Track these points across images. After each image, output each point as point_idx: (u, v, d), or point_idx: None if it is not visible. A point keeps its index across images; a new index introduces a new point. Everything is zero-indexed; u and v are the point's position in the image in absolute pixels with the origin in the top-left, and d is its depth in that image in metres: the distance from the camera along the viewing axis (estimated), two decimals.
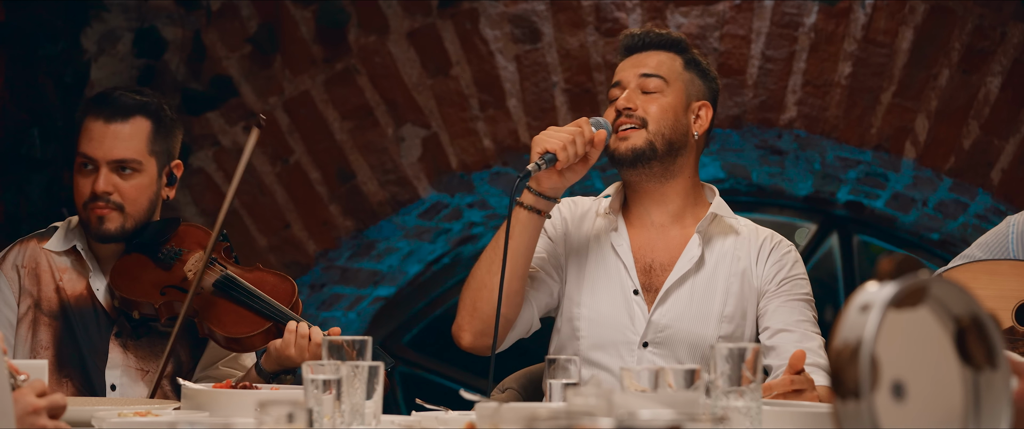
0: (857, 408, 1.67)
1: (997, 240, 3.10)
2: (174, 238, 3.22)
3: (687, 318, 3.02)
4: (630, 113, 3.05)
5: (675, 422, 1.61)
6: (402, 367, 5.18)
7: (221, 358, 3.26)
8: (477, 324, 3.00)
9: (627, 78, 3.09)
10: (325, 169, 4.57)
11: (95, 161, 3.12)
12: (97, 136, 3.12)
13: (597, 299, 3.07)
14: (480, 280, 2.99)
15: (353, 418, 2.17)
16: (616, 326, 3.04)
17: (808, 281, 3.11)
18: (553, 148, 2.92)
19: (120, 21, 4.62)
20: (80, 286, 3.18)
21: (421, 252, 4.92)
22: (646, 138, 3.04)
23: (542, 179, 2.95)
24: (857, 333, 1.69)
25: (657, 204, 3.10)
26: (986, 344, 1.80)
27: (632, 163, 3.04)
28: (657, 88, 3.07)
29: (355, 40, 4.54)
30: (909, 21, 4.32)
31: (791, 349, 2.92)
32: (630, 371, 2.14)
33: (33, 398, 2.16)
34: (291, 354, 3.00)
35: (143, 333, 3.16)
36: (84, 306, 3.16)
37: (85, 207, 3.14)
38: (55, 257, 3.19)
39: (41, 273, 3.18)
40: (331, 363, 2.19)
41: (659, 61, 3.11)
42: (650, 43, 3.13)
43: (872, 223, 4.95)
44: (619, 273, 3.07)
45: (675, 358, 3.01)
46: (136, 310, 3.12)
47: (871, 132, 4.34)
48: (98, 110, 3.14)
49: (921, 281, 1.75)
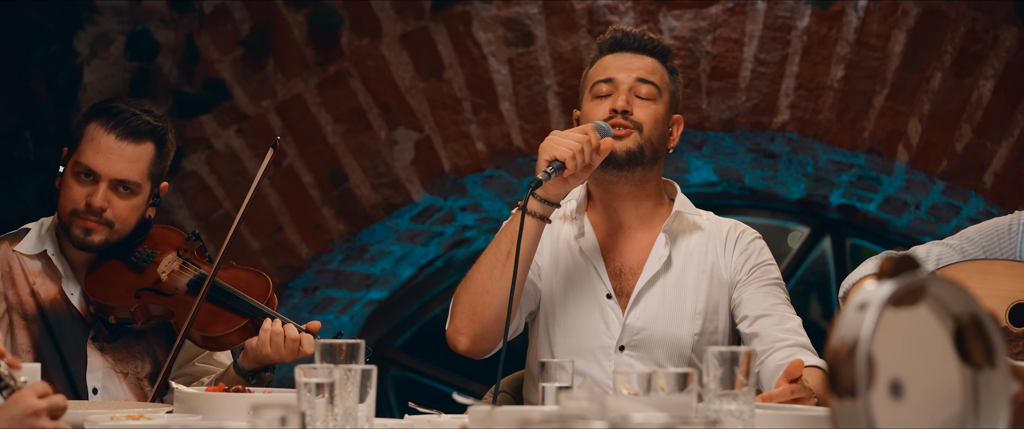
0: (853, 407, 1.67)
1: (999, 234, 3.08)
2: (147, 241, 3.21)
3: (661, 319, 3.03)
4: (627, 116, 3.05)
5: (668, 425, 1.61)
6: (395, 370, 5.18)
7: (196, 355, 3.25)
8: (476, 328, 2.99)
9: (621, 78, 3.08)
10: (318, 172, 4.57)
11: (96, 175, 3.10)
12: (104, 150, 3.09)
13: (570, 305, 3.07)
14: (481, 285, 2.98)
15: (346, 421, 2.17)
16: (591, 331, 3.05)
17: (776, 266, 3.12)
18: (563, 157, 2.91)
19: (112, 24, 4.62)
20: (53, 290, 3.16)
21: (414, 255, 4.92)
22: (638, 142, 3.04)
23: (548, 186, 2.94)
24: (854, 331, 1.69)
25: (629, 207, 3.10)
26: (985, 343, 1.80)
27: (623, 165, 3.04)
28: (650, 95, 3.07)
29: (348, 43, 4.54)
30: (902, 24, 4.32)
31: (773, 333, 2.96)
32: (622, 374, 2.14)
33: (34, 399, 2.17)
34: (267, 353, 3.00)
35: (119, 335, 3.16)
36: (59, 310, 3.14)
37: (73, 214, 3.11)
38: (27, 260, 3.17)
39: (15, 276, 3.15)
40: (324, 366, 2.19)
41: (653, 67, 3.11)
42: (643, 46, 3.12)
43: (865, 226, 4.96)
44: (590, 278, 3.08)
45: (652, 360, 3.02)
46: (112, 315, 3.11)
47: (864, 135, 4.35)
48: (110, 123, 3.10)
49: (919, 280, 1.75)
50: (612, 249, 3.10)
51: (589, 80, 3.13)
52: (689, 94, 4.40)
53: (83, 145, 3.11)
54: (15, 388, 2.18)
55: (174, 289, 3.10)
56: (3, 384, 2.19)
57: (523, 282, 3.01)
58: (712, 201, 4.90)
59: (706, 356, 2.13)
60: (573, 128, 2.98)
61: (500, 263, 2.95)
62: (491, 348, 3.04)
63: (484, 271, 2.98)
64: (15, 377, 2.20)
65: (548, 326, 3.08)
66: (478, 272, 2.99)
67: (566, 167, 2.91)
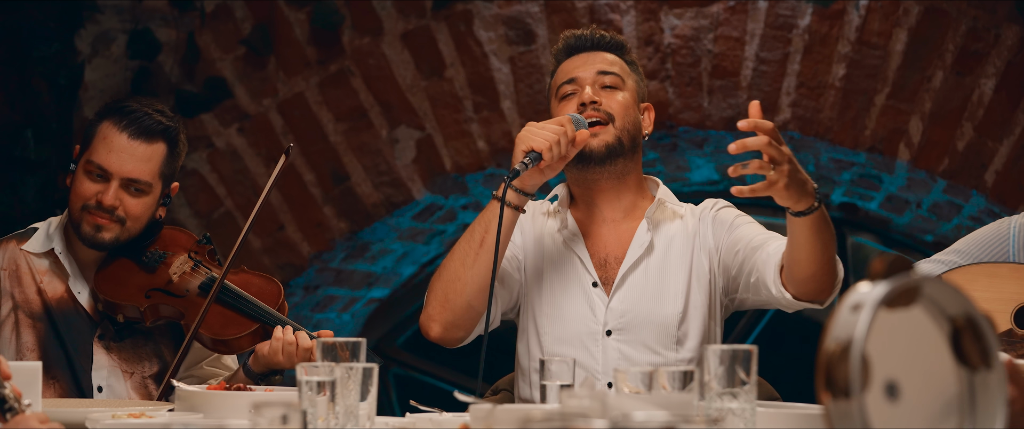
0: (847, 407, 1.67)
1: (994, 240, 3.09)
2: (158, 241, 3.22)
3: (645, 299, 3.04)
4: (597, 107, 3.07)
5: (669, 423, 1.61)
6: (396, 369, 5.18)
7: (205, 358, 3.26)
8: (448, 316, 3.01)
9: (583, 75, 3.11)
10: (319, 171, 4.57)
11: (108, 173, 3.11)
12: (116, 149, 3.10)
13: (557, 296, 3.09)
14: (454, 272, 3.00)
15: (347, 420, 2.17)
16: (578, 319, 3.06)
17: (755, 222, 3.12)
18: (539, 147, 2.94)
19: (114, 23, 4.62)
20: (60, 289, 3.17)
21: (415, 254, 4.92)
22: (615, 134, 3.07)
23: (524, 177, 2.97)
24: (848, 332, 1.69)
25: (611, 201, 3.13)
26: (981, 344, 1.80)
27: (603, 160, 3.07)
28: (614, 83, 3.11)
29: (349, 42, 4.54)
30: (903, 23, 4.32)
31: (778, 246, 2.89)
32: (623, 372, 2.14)
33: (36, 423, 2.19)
34: (280, 361, 3.02)
35: (126, 335, 3.16)
36: (66, 308, 3.15)
37: (84, 210, 3.11)
38: (34, 259, 3.18)
39: (22, 275, 3.17)
40: (325, 365, 2.19)
41: (611, 59, 3.15)
42: (598, 43, 3.16)
43: (866, 225, 4.96)
44: (576, 269, 3.10)
45: (640, 342, 3.03)
46: (121, 313, 3.12)
47: (865, 134, 4.35)
48: (123, 122, 3.11)
49: (913, 281, 1.75)
50: (596, 241, 3.12)
51: (554, 87, 3.17)
52: (690, 92, 4.40)
53: (96, 144, 3.12)
54: (19, 411, 2.21)
55: (185, 291, 3.12)
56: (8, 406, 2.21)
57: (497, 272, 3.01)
58: None
59: (707, 354, 2.13)
60: (549, 120, 3.00)
61: (473, 251, 2.97)
62: (464, 337, 3.06)
63: (457, 259, 3.00)
64: (19, 400, 2.23)
65: (535, 318, 3.10)
66: (451, 260, 3.01)
67: (543, 158, 2.93)
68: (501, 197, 2.95)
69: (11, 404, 2.22)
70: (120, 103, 3.18)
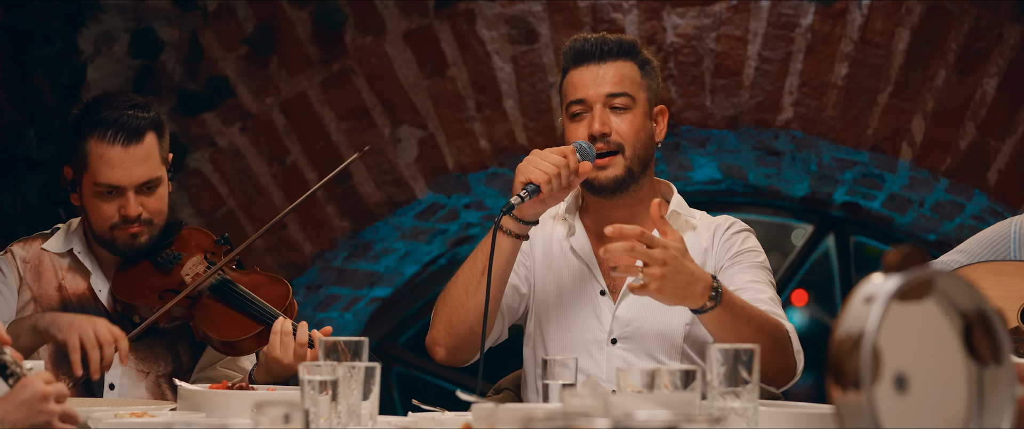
0: (858, 399, 1.67)
1: (996, 240, 3.10)
2: (176, 242, 3.24)
3: (652, 309, 3.02)
4: (607, 139, 3.03)
5: (671, 423, 1.61)
6: (399, 368, 5.18)
7: (219, 359, 3.27)
8: (452, 340, 3.03)
9: (591, 96, 3.05)
10: (322, 170, 4.57)
11: (120, 187, 3.11)
12: (117, 163, 3.10)
13: (564, 303, 3.08)
14: (457, 299, 3.00)
15: (349, 419, 2.17)
16: (585, 327, 3.06)
17: (762, 254, 3.11)
18: (538, 180, 2.90)
19: (116, 22, 4.62)
20: (82, 285, 3.20)
21: (418, 253, 4.92)
22: (625, 166, 3.04)
23: (524, 207, 2.94)
24: (859, 324, 1.69)
25: (624, 217, 3.07)
26: (992, 340, 1.79)
27: (611, 192, 3.05)
28: (624, 105, 3.05)
29: (352, 41, 4.54)
30: (905, 22, 4.32)
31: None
32: (626, 372, 2.14)
33: (41, 384, 2.24)
34: (277, 355, 3.00)
35: (143, 334, 3.17)
36: (87, 305, 3.18)
37: (112, 228, 3.13)
38: (57, 257, 3.22)
39: (43, 271, 3.20)
40: (328, 364, 2.19)
41: (621, 75, 3.06)
42: (607, 52, 3.07)
43: (869, 224, 4.95)
44: (585, 276, 3.09)
45: (645, 352, 3.02)
46: (137, 314, 3.14)
47: (867, 133, 4.35)
48: (108, 134, 3.10)
49: (927, 274, 1.75)
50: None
51: (564, 97, 3.12)
52: (693, 91, 4.40)
53: (93, 165, 3.11)
54: (21, 375, 2.24)
55: (196, 292, 3.12)
56: (10, 372, 2.24)
57: (499, 298, 3.02)
58: (716, 199, 4.90)
59: (710, 353, 2.13)
60: (553, 149, 2.96)
61: (476, 279, 2.97)
62: (469, 358, 3.07)
63: (460, 286, 3.00)
64: (20, 365, 2.26)
65: (542, 324, 3.10)
66: (455, 287, 3.02)
67: (541, 191, 2.91)
68: (494, 230, 2.93)
69: (12, 370, 2.25)
70: (94, 114, 3.14)
